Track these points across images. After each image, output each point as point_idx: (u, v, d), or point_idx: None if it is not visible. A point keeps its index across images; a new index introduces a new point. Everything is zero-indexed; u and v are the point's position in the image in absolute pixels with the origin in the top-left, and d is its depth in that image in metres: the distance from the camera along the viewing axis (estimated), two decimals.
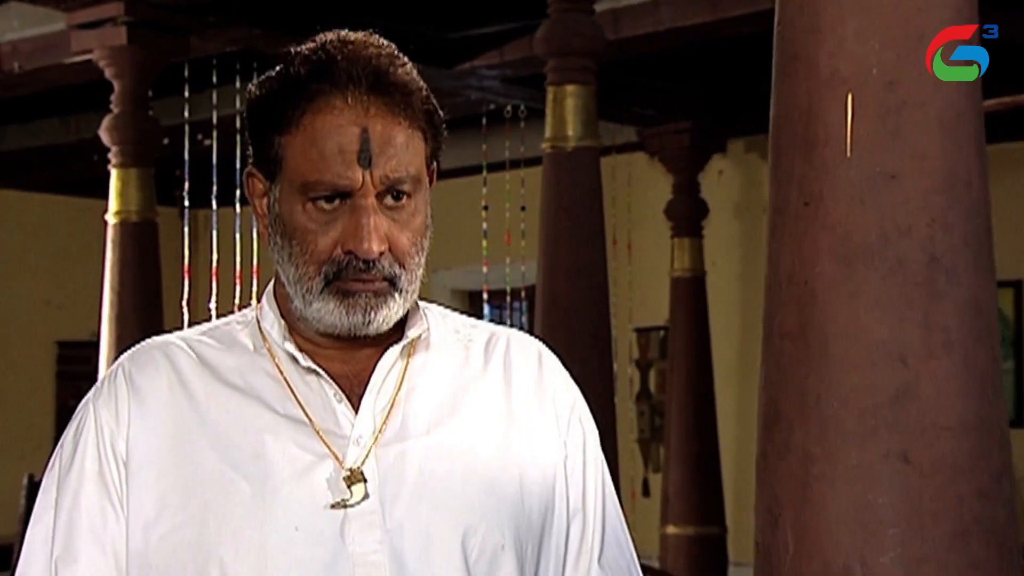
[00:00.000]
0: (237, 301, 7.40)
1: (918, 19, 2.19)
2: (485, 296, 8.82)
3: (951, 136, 2.20)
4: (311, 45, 1.66)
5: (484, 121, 8.16)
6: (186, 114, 7.22)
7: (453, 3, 6.85)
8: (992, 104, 5.72)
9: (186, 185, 7.34)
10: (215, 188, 7.22)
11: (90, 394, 1.70)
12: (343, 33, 1.68)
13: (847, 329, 2.20)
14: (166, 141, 6.79)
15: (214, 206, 7.37)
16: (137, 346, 1.73)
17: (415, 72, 1.67)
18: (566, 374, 1.81)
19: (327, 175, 1.60)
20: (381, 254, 1.61)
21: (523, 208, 7.76)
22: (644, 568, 6.96)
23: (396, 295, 1.64)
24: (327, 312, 1.64)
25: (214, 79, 7.17)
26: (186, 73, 7.02)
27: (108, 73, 6.37)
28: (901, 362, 2.17)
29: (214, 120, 7.21)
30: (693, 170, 8.49)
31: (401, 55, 1.67)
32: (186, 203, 7.44)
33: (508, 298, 8.84)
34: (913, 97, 2.20)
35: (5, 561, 7.60)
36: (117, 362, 1.71)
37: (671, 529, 8.12)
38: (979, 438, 2.16)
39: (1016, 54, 6.74)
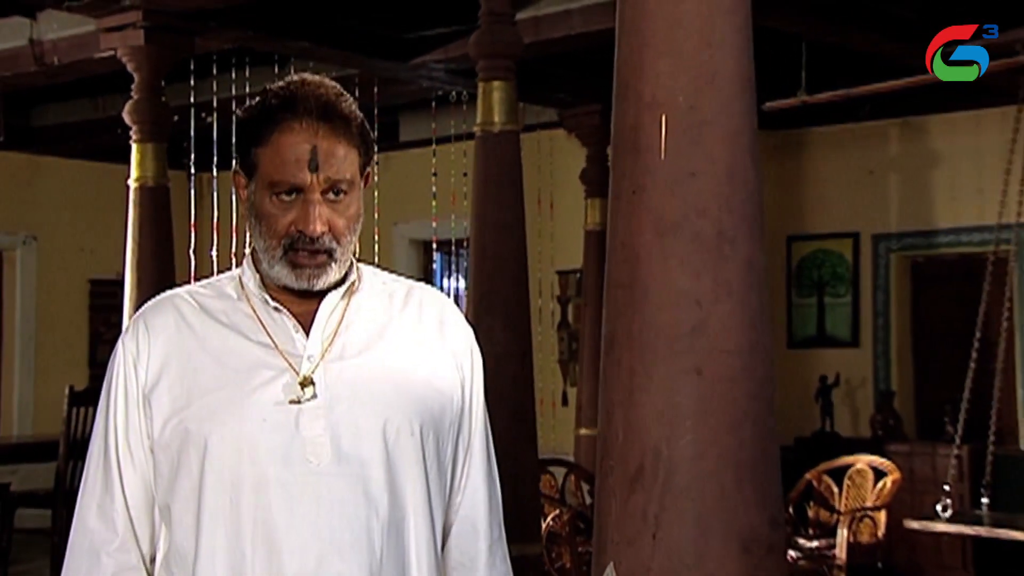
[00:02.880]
0: (233, 250, 7.48)
1: (711, 62, 2.35)
2: (435, 245, 8.76)
3: (734, 145, 2.36)
4: (281, 84, 1.82)
5: (434, 104, 8.13)
6: (192, 98, 7.24)
7: (409, 10, 6.82)
8: (822, 97, 6.02)
9: (192, 155, 7.37)
10: (215, 157, 7.22)
11: (123, 333, 1.88)
12: (304, 76, 1.83)
13: (660, 282, 2.36)
14: (176, 119, 6.76)
15: (215, 172, 7.39)
16: (154, 299, 1.91)
17: (355, 105, 1.83)
18: (464, 320, 1.96)
19: (287, 176, 1.76)
20: (323, 233, 1.77)
21: (465, 175, 7.54)
22: (561, 462, 7.40)
23: (333, 264, 1.80)
24: (284, 276, 1.81)
25: (214, 70, 7.21)
26: (192, 66, 7.05)
27: (129, 67, 6.36)
28: (697, 305, 2.34)
29: (214, 103, 7.22)
30: (602, 144, 8.30)
31: (345, 93, 1.82)
32: (192, 169, 7.48)
33: (453, 247, 8.79)
34: (708, 117, 2.35)
35: (54, 452, 7.63)
36: (140, 311, 1.89)
37: (583, 431, 8.04)
38: (750, 358, 2.34)
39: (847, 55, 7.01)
